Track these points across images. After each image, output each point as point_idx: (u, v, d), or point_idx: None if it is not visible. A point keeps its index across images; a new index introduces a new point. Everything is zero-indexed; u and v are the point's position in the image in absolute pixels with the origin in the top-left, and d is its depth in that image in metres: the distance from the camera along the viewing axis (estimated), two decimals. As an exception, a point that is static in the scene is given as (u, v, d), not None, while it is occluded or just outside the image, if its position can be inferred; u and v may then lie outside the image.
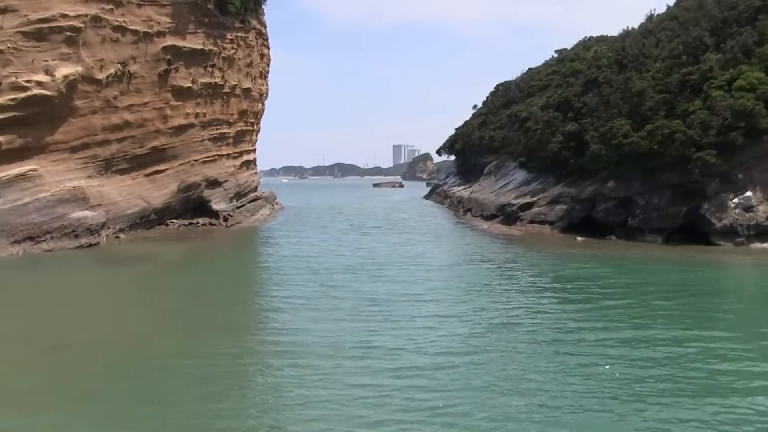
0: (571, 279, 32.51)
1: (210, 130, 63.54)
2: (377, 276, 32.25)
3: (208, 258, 42.54)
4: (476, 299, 27.30)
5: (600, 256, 40.78)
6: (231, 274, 36.33)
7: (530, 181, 66.94)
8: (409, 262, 38.00)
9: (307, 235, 53.75)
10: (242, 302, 27.75)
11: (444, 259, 39.72)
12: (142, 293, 30.30)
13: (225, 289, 31.28)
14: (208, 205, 62.52)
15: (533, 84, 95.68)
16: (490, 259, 39.46)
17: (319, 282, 30.57)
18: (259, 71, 74.68)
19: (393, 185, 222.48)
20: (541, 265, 37.31)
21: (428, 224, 65.97)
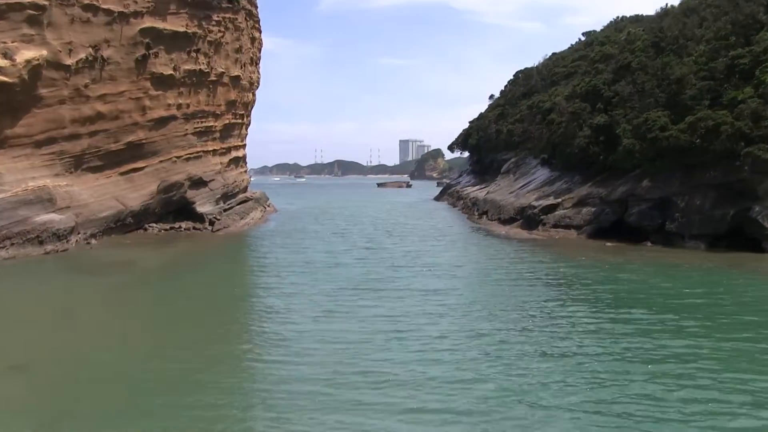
0: (629, 291, 31.77)
1: (194, 123, 63.49)
2: (383, 295, 31.28)
3: (191, 267, 42.05)
4: (522, 331, 24.69)
5: (649, 264, 40.21)
6: (216, 287, 35.64)
7: (554, 180, 66.64)
8: (419, 275, 37.36)
9: (304, 242, 53.37)
10: (229, 322, 26.93)
11: (461, 273, 38.78)
12: (115, 306, 29.79)
13: (209, 304, 30.67)
14: (191, 208, 62.43)
15: (557, 71, 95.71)
16: (518, 272, 38.63)
17: (318, 303, 29.69)
18: (249, 57, 74.61)
19: (399, 185, 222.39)
20: (581, 276, 36.67)
21: (439, 230, 65.46)
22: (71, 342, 23.25)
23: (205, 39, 62.86)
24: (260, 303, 30.21)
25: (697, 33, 57.62)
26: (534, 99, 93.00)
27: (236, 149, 75.51)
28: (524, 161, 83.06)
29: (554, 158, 68.10)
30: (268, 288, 33.63)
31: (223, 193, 68.12)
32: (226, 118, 70.41)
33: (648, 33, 66.08)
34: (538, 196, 64.36)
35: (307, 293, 31.40)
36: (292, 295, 30.97)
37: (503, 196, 74.37)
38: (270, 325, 25.41)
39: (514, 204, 67.75)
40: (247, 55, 74.10)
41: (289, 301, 29.71)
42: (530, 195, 66.90)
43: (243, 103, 75.06)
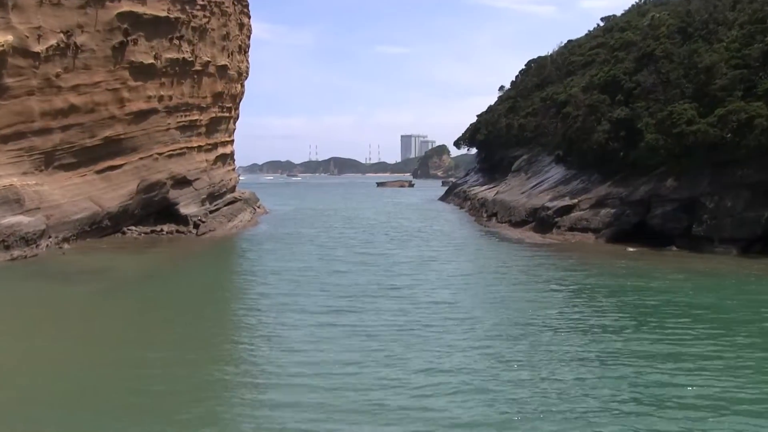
0: (658, 303, 30.95)
1: (177, 117, 63.28)
2: (384, 307, 30.63)
3: (173, 274, 41.74)
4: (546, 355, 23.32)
5: (677, 271, 39.63)
6: (201, 297, 35.20)
7: (569, 179, 66.65)
8: (423, 284, 36.89)
9: (297, 248, 53.11)
10: (213, 338, 26.25)
11: (469, 282, 38.27)
12: (87, 319, 29.27)
13: (192, 316, 30.10)
14: (174, 209, 62.29)
15: (573, 60, 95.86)
16: (531, 280, 38.17)
17: (313, 315, 29.08)
18: (237, 45, 74.68)
19: (401, 184, 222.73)
20: (601, 284, 36.13)
21: (444, 234, 65.33)
22: (34, 358, 22.65)
23: (188, 25, 62.54)
24: (249, 315, 29.69)
25: (730, 16, 57.44)
26: (548, 90, 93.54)
27: (223, 145, 75.52)
28: (537, 158, 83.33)
29: (570, 155, 67.93)
30: (258, 298, 33.17)
31: (209, 193, 67.93)
32: (213, 111, 70.21)
33: (674, 17, 65.84)
34: (552, 197, 64.38)
35: (300, 304, 30.96)
36: (284, 306, 30.52)
37: (514, 197, 74.39)
38: (260, 341, 24.85)
39: (525, 205, 67.76)
40: (235, 42, 74.06)
41: (280, 313, 29.23)
42: (543, 195, 66.95)
43: (231, 95, 74.95)
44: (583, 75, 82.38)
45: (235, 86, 75.99)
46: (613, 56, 71.17)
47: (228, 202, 72.83)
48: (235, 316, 30.36)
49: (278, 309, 29.98)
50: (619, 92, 62.13)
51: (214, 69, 68.47)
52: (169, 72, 60.80)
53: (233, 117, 78.40)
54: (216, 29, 68.14)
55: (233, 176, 79.30)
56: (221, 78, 70.83)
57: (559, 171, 71.27)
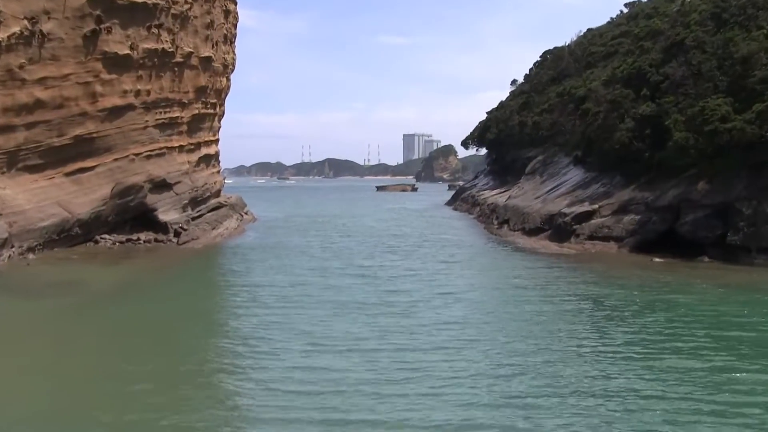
0: (694, 323, 30.37)
1: (156, 114, 63.17)
2: (385, 327, 30.11)
3: (150, 288, 41.34)
4: None
5: (713, 285, 39.15)
6: (181, 313, 34.82)
7: (589, 182, 66.64)
8: (428, 300, 36.49)
9: (289, 259, 52.93)
10: (194, 358, 25.87)
11: (478, 298, 37.87)
12: (53, 338, 28.87)
13: (172, 335, 29.94)
14: (153, 215, 62.17)
15: (594, 51, 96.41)
16: (547, 295, 37.77)
17: (306, 335, 28.67)
18: (222, 34, 74.84)
19: (403, 188, 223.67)
20: (627, 300, 35.67)
21: (451, 243, 65.15)
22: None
23: (168, 12, 62.40)
24: (235, 335, 29.43)
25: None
26: (565, 85, 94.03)
27: (207, 145, 75.60)
28: (553, 160, 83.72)
29: (589, 156, 67.95)
30: (246, 316, 32.84)
31: (191, 198, 67.79)
32: (195, 107, 70.23)
33: (707, 2, 65.67)
34: (570, 202, 64.44)
35: (291, 323, 30.61)
36: (273, 326, 30.17)
37: (528, 202, 74.46)
38: (247, 364, 24.49)
39: (540, 211, 67.79)
40: (220, 31, 74.17)
41: (269, 333, 28.87)
42: (561, 200, 67.02)
43: (215, 89, 75.07)
44: (604, 67, 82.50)
45: (220, 80, 75.99)
46: (638, 46, 71.13)
47: (212, 208, 72.62)
48: (217, 338, 29.84)
49: (266, 329, 29.62)
50: (644, 86, 61.96)
51: (196, 61, 68.32)
52: (146, 64, 60.52)
53: (218, 114, 78.47)
54: (199, 17, 68.04)
55: (218, 179, 79.33)
56: (205, 71, 70.73)
57: (577, 173, 71.24)
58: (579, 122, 73.50)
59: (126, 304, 36.23)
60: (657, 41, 67.21)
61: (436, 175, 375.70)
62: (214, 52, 72.07)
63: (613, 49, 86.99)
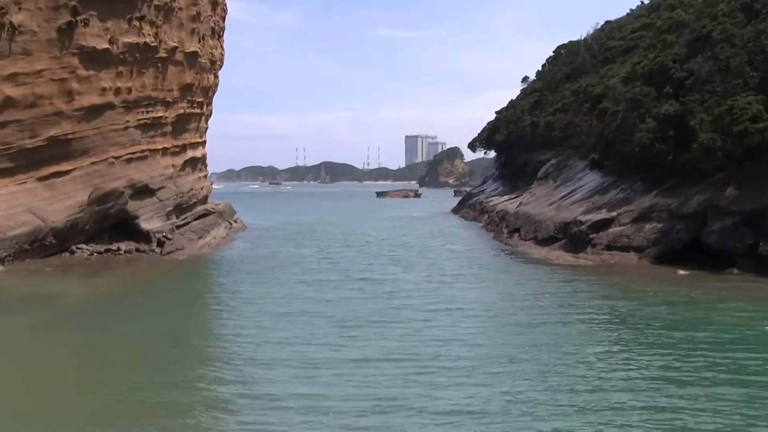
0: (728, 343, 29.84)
1: (137, 114, 63.37)
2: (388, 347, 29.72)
3: (130, 304, 41.17)
4: None
5: (747, 301, 38.54)
6: (163, 331, 34.44)
7: (607, 187, 66.69)
8: (434, 317, 36.19)
9: (282, 271, 52.83)
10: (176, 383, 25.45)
11: (489, 314, 37.51)
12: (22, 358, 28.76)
13: (153, 356, 29.54)
14: (134, 223, 62.42)
15: (612, 45, 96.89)
16: (563, 311, 37.48)
17: (301, 355, 28.38)
18: (209, 27, 75.16)
19: (406, 194, 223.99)
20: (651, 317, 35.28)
21: (457, 254, 65.13)
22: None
23: (151, 3, 62.64)
24: (222, 355, 29.16)
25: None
26: (581, 82, 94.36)
27: (193, 147, 75.90)
28: (568, 163, 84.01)
29: (607, 159, 67.91)
30: (234, 334, 32.52)
31: (175, 205, 68.03)
32: (180, 106, 70.49)
33: (737, -9, 65.93)
34: (587, 209, 64.33)
35: (285, 343, 30.32)
36: (264, 345, 29.89)
37: (541, 209, 74.58)
38: (233, 391, 24.07)
39: (554, 219, 67.82)
40: (207, 24, 74.47)
41: (259, 353, 28.62)
42: (576, 207, 66.99)
43: (202, 87, 75.30)
44: (623, 63, 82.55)
45: (207, 77, 76.21)
46: (660, 40, 70.78)
47: (199, 216, 72.89)
48: (202, 359, 29.52)
49: (255, 349, 29.34)
50: (667, 83, 61.71)
51: (181, 56, 68.55)
52: (127, 59, 60.60)
53: (205, 114, 78.70)
54: (184, 8, 68.28)
55: (205, 184, 79.64)
56: (190, 67, 70.90)
57: (594, 178, 71.24)
58: (596, 123, 73.49)
59: (103, 321, 35.99)
60: (681, 34, 66.71)
61: (441, 180, 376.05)
62: (200, 47, 72.20)
63: (633, 43, 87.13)
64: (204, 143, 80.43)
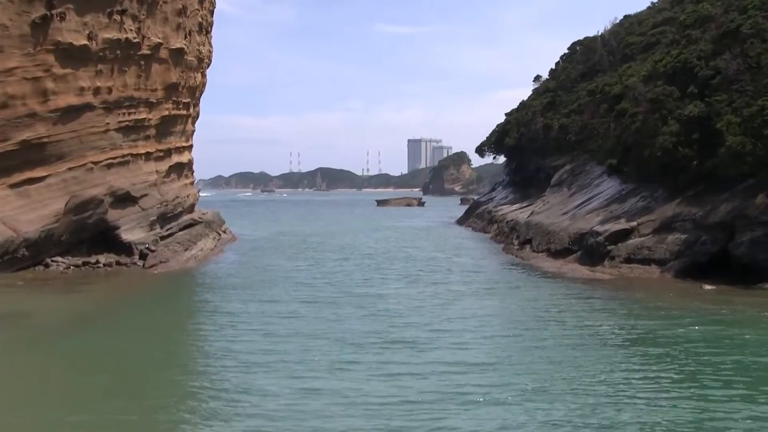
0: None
1: (119, 115, 63.36)
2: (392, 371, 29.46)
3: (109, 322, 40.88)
4: None
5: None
6: (145, 353, 34.19)
7: (626, 195, 66.87)
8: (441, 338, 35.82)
9: (274, 287, 52.67)
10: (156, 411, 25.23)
11: (499, 333, 37.30)
12: None
13: (132, 381, 29.20)
14: (114, 234, 62.37)
15: (632, 41, 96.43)
16: (580, 331, 37.25)
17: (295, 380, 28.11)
18: (196, 23, 75.39)
19: (408, 203, 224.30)
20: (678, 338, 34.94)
21: (464, 267, 65.03)
22: None
23: (134, -4, 62.80)
24: (207, 380, 28.75)
25: None
26: (598, 81, 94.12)
27: (179, 152, 76.00)
28: (583, 169, 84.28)
29: (626, 164, 68.06)
30: (221, 356, 32.23)
31: (159, 214, 68.13)
32: (165, 108, 70.55)
33: (768, -19, 66.15)
34: (604, 218, 64.40)
35: (277, 367, 29.97)
36: (254, 369, 29.60)
37: (554, 219, 74.70)
38: (219, 421, 23.82)
39: (569, 229, 67.83)
40: (194, 19, 74.66)
41: (249, 377, 28.32)
42: (592, 216, 67.16)
43: (188, 87, 75.45)
44: (644, 60, 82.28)
45: (194, 76, 76.40)
46: (685, 35, 70.68)
47: (184, 226, 73.08)
48: (185, 384, 29.12)
49: (245, 372, 29.11)
50: (691, 82, 61.67)
51: (166, 53, 68.60)
52: (107, 56, 60.51)
53: (192, 116, 78.79)
54: (169, 2, 68.42)
55: (191, 192, 79.73)
56: (176, 65, 71.01)
57: (612, 185, 71.47)
58: (614, 125, 73.26)
59: (80, 341, 35.83)
60: (707, 29, 66.59)
61: (446, 187, 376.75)
62: (186, 43, 72.28)
63: (655, 38, 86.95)
64: (190, 147, 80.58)
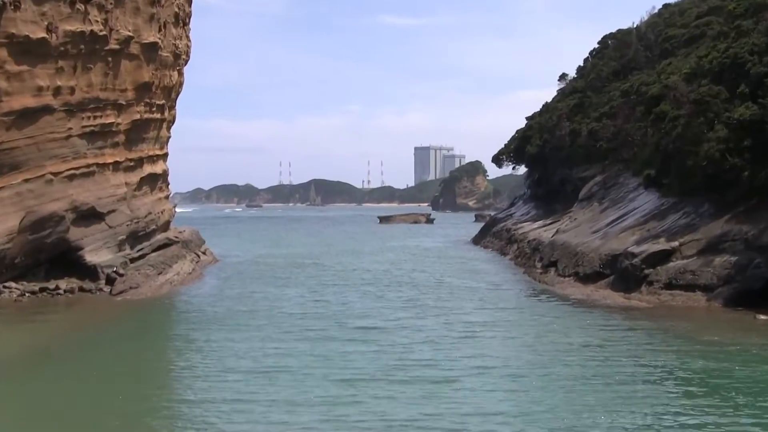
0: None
1: (82, 119, 63.64)
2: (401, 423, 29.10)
3: (67, 361, 40.54)
4: None
5: None
6: (108, 399, 33.60)
7: (665, 211, 66.81)
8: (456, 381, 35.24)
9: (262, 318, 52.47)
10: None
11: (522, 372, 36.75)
12: None
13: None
14: (77, 256, 62.69)
15: (672, 34, 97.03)
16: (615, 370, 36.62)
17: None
18: (172, 13, 76.30)
19: (415, 219, 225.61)
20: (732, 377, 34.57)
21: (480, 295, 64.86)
22: None
23: (100, -18, 63.05)
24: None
25: None
26: (633, 80, 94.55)
27: (152, 161, 76.49)
28: (617, 181, 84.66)
29: (666, 176, 67.87)
30: (198, 402, 31.89)
31: (129, 233, 68.54)
32: (136, 110, 70.80)
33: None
34: (641, 238, 64.37)
35: (263, 416, 29.42)
36: (235, 417, 29.19)
37: (583, 238, 74.74)
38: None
39: (600, 250, 67.70)
40: (170, 9, 75.39)
41: (230, 427, 28.03)
42: (627, 235, 67.14)
43: (163, 87, 75.92)
44: (686, 56, 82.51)
45: (169, 74, 76.80)
46: (734, 27, 70.62)
47: (158, 246, 73.64)
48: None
49: (225, 421, 28.82)
50: (742, 81, 61.49)
51: (137, 48, 68.80)
52: (69, 52, 60.59)
53: (167, 120, 79.19)
54: (141, -10, 68.68)
55: (166, 207, 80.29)
56: (149, 62, 71.26)
57: (649, 199, 71.52)
58: (652, 131, 73.52)
59: (35, 381, 35.59)
60: (760, 19, 66.63)
61: (458, 201, 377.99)
62: (161, 37, 72.49)
63: (699, 31, 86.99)
64: (165, 156, 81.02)
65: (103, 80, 64.85)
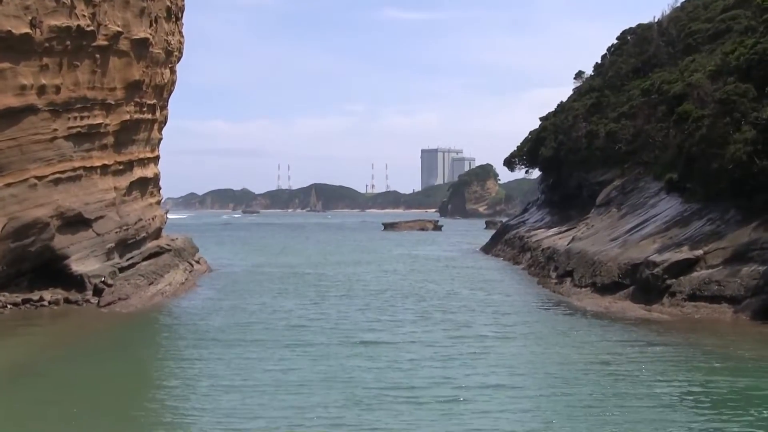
0: None
1: (69, 120, 63.29)
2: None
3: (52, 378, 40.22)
4: None
5: None
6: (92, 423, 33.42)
7: (689, 217, 66.95)
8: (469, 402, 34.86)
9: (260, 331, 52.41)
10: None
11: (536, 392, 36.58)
12: None
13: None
14: (63, 265, 62.51)
15: (696, 29, 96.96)
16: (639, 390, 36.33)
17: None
18: (164, 7, 76.28)
19: (422, 226, 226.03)
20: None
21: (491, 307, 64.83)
22: None
23: (87, -25, 63.03)
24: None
25: None
26: (654, 78, 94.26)
27: (143, 165, 76.44)
28: (636, 185, 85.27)
29: (690, 180, 67.85)
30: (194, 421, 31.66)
31: (118, 240, 68.44)
32: (126, 111, 70.54)
33: None
34: (662, 246, 64.32)
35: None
36: None
37: (600, 246, 74.96)
38: None
39: (618, 259, 67.84)
40: (162, 3, 75.25)
41: None
42: (647, 243, 67.17)
43: (154, 85, 75.85)
44: (711, 52, 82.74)
45: (161, 72, 76.78)
46: (762, 21, 70.60)
47: (149, 255, 73.74)
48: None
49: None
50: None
51: (127, 44, 68.51)
52: (55, 48, 60.34)
53: (158, 120, 79.21)
54: (131, -17, 68.80)
55: (158, 213, 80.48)
56: (139, 59, 71.09)
57: (672, 205, 71.62)
58: (674, 132, 73.58)
59: (15, 399, 35.50)
60: (791, 13, 66.57)
61: (468, 207, 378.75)
62: (152, 33, 72.38)
63: (725, 25, 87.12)
64: (157, 159, 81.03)
65: (91, 78, 64.47)
